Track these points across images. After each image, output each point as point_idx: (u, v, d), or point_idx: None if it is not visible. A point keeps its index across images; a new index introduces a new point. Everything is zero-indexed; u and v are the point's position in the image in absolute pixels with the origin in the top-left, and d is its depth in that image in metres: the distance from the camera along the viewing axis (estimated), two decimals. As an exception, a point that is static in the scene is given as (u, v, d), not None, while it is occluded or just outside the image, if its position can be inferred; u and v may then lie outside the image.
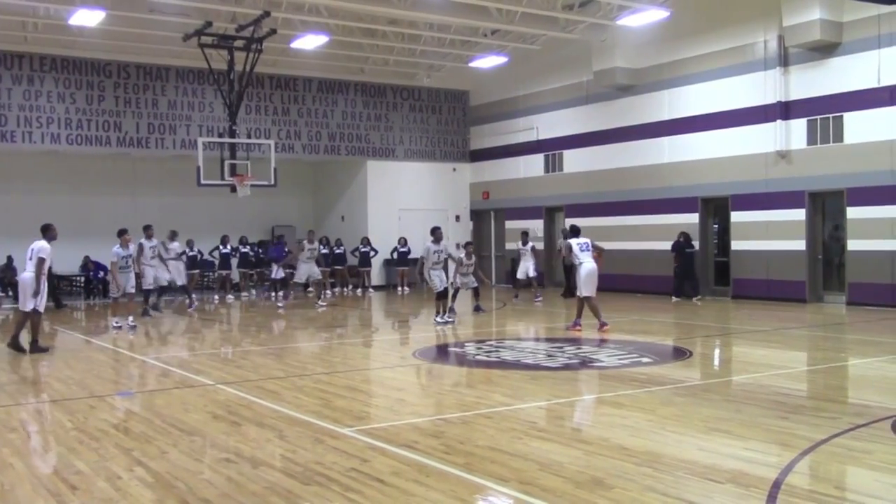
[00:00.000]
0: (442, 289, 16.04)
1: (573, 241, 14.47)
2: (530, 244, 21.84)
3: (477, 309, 17.92)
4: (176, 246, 19.83)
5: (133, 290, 16.30)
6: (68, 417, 7.89)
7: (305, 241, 20.28)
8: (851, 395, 9.29)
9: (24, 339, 12.53)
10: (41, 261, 12.39)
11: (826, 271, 19.09)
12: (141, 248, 17.99)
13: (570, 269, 21.67)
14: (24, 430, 7.39)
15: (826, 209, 19.00)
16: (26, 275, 12.52)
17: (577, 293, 14.42)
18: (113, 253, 16.08)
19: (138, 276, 17.58)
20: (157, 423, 7.58)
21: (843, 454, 6.28)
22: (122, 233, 16.28)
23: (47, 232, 12.91)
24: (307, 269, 19.96)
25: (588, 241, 14.53)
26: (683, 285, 20.51)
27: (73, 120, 22.56)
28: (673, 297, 20.44)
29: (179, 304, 21.13)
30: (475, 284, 17.48)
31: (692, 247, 20.69)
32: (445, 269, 16.58)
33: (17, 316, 12.87)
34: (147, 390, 9.39)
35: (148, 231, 18.33)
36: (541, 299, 21.28)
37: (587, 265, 14.18)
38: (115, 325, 15.86)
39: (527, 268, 21.45)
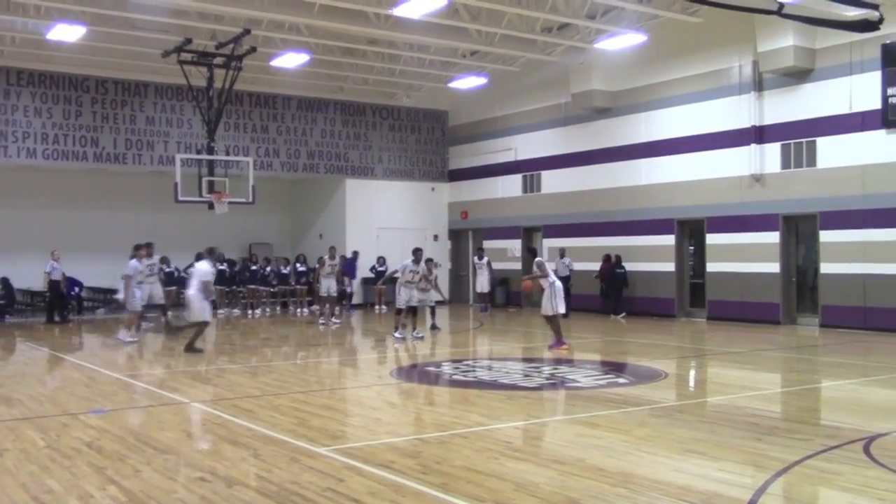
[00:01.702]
0: (405, 306, 16.35)
1: (544, 260, 14.81)
2: (486, 258, 22.81)
3: (433, 328, 17.84)
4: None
5: (139, 307, 16.56)
6: (41, 435, 7.80)
7: (326, 257, 20.41)
8: (824, 417, 9.38)
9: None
10: (204, 283, 14.13)
11: (799, 294, 19.30)
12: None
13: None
14: (-5, 448, 7.30)
15: (799, 232, 19.24)
16: (191, 292, 14.20)
17: (555, 312, 14.44)
18: (130, 267, 16.33)
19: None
20: (130, 441, 7.52)
21: (816, 476, 6.34)
22: (138, 247, 16.81)
23: (212, 254, 15.04)
24: (326, 285, 20.08)
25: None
26: (614, 303, 21.73)
27: (50, 135, 22.41)
28: (612, 315, 21.56)
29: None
30: (433, 303, 17.54)
31: (622, 268, 21.75)
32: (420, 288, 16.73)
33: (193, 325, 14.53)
34: (121, 408, 9.31)
35: (149, 249, 18.44)
36: (488, 313, 21.90)
37: (559, 283, 14.56)
38: (129, 339, 15.94)
39: (482, 281, 22.21)
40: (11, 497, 5.78)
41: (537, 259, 14.91)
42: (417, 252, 16.69)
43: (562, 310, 14.50)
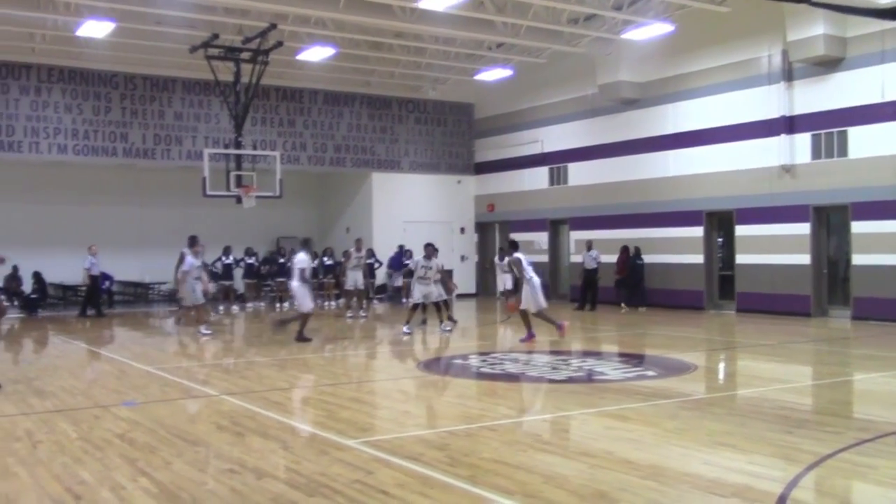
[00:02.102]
0: (420, 302, 16.47)
1: (521, 256, 14.83)
2: (507, 259, 22.73)
3: (450, 319, 17.32)
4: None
5: (203, 300, 16.69)
6: (73, 427, 7.90)
7: (353, 250, 20.39)
8: (857, 409, 9.27)
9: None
10: (301, 270, 14.60)
11: (831, 286, 19.07)
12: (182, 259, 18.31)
13: (589, 284, 21.81)
14: (28, 440, 7.40)
15: (830, 223, 19.00)
16: (295, 283, 14.72)
17: (538, 308, 14.47)
18: (187, 263, 16.34)
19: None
20: (161, 433, 7.59)
21: (849, 469, 6.27)
22: (193, 242, 16.60)
23: (307, 245, 15.55)
24: (353, 278, 20.06)
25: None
26: (640, 294, 21.77)
27: (80, 131, 22.67)
28: (635, 307, 21.59)
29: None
30: (444, 297, 17.07)
31: (641, 259, 21.74)
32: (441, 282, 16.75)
33: (297, 316, 15.10)
34: (152, 401, 9.40)
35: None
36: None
37: (536, 279, 14.54)
38: (206, 332, 16.14)
39: (504, 280, 22.36)
40: (45, 488, 5.86)
41: (514, 256, 14.80)
42: (428, 248, 16.75)
43: (544, 304, 14.63)
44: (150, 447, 7.04)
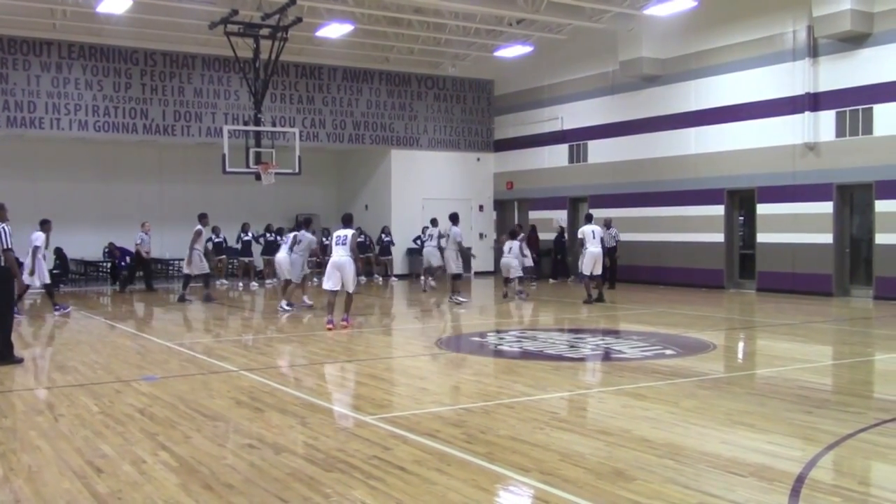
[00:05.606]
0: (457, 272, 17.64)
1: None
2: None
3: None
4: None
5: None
6: (94, 401, 7.98)
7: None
8: (877, 390, 9.20)
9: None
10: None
11: (853, 265, 18.89)
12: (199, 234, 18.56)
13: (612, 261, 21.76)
14: (50, 414, 7.49)
15: (854, 202, 18.79)
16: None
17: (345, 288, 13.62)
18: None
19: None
20: (181, 408, 7.65)
21: (869, 449, 6.22)
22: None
23: (309, 224, 15.88)
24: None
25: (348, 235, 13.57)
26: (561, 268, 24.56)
27: (101, 107, 22.75)
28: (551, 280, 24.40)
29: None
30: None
31: (564, 238, 24.63)
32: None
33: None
34: (172, 376, 9.48)
35: (203, 220, 18.78)
36: (535, 287, 22.22)
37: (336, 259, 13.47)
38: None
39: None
40: (67, 461, 5.93)
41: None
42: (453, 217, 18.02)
43: (336, 287, 13.49)
44: (170, 422, 7.10)
